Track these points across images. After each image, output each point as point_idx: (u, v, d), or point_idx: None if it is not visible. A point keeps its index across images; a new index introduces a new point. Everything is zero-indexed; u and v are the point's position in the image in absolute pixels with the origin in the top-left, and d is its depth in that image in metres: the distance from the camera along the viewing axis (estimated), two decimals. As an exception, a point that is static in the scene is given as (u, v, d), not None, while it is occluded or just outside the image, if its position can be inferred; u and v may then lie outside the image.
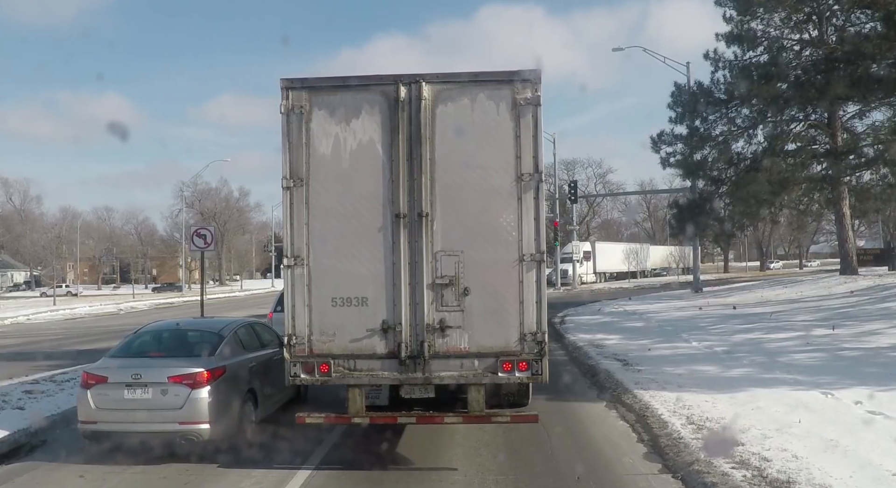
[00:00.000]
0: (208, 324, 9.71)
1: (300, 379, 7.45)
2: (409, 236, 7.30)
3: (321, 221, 7.36)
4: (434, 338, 7.29)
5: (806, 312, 20.06)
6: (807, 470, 6.52)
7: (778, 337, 15.54)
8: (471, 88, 7.38)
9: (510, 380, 7.37)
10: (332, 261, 7.35)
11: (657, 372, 11.96)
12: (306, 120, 7.40)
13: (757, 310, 21.66)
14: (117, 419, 7.82)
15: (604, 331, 18.78)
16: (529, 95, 7.30)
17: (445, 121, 7.36)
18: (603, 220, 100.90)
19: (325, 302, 7.36)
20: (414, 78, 7.36)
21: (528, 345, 7.24)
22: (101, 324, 31.61)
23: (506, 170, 7.29)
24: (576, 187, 45.08)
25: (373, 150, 7.36)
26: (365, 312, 7.32)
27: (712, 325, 18.93)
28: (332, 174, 7.37)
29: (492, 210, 7.30)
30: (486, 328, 7.28)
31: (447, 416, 7.63)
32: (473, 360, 7.31)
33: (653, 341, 16.20)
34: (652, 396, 10.04)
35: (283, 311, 10.22)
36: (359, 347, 7.34)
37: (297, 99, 7.42)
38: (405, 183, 7.31)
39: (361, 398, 7.54)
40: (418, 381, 7.43)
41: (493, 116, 7.33)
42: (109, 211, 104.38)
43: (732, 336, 16.39)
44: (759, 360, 12.77)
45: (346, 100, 7.41)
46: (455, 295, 7.29)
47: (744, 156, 28.99)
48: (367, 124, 7.37)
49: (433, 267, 7.30)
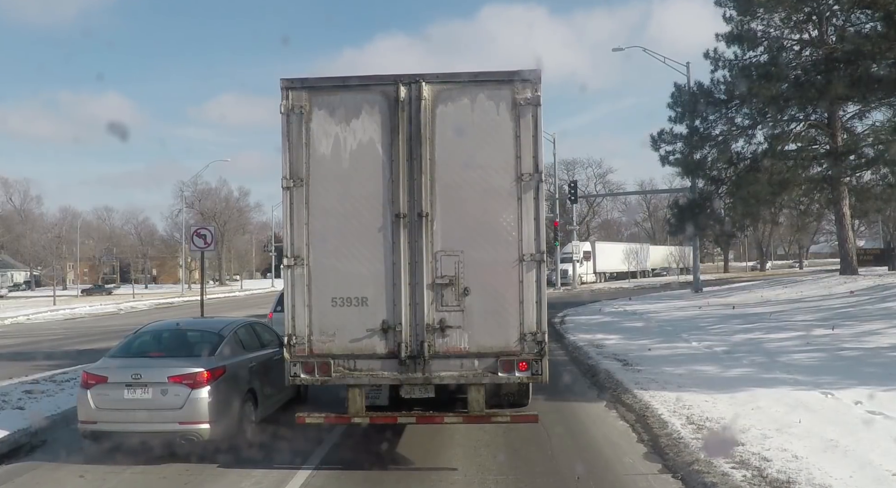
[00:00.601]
0: (208, 324, 9.72)
1: (300, 379, 7.42)
2: (409, 236, 7.28)
3: (321, 221, 7.33)
4: (434, 338, 7.28)
5: (806, 312, 20.05)
6: (807, 471, 6.52)
7: (778, 337, 15.55)
8: (471, 88, 7.35)
9: (510, 380, 7.36)
10: (332, 261, 7.33)
11: (657, 372, 11.96)
12: (306, 120, 7.37)
13: (757, 310, 21.66)
14: (117, 419, 7.83)
15: (604, 331, 18.78)
16: (529, 95, 7.28)
17: (445, 121, 7.34)
18: (603, 220, 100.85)
19: (325, 302, 7.33)
20: (414, 78, 7.33)
21: (527, 345, 7.23)
22: (101, 324, 31.61)
23: (506, 170, 7.27)
24: (576, 187, 45.07)
25: (373, 150, 7.34)
26: (365, 312, 7.29)
27: (712, 325, 18.93)
28: (332, 174, 7.34)
29: (492, 210, 7.28)
30: (485, 328, 7.26)
31: (447, 416, 7.63)
32: (473, 360, 7.29)
33: (653, 341, 16.20)
34: (652, 396, 10.05)
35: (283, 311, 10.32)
36: (359, 347, 7.32)
37: (297, 99, 7.39)
38: (405, 183, 7.29)
39: (361, 398, 7.53)
40: (418, 381, 7.40)
41: (492, 116, 7.31)
42: (109, 211, 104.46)
43: (732, 336, 16.39)
44: (759, 360, 12.77)
45: (346, 100, 7.38)
46: (455, 295, 7.28)
47: (743, 155, 29.00)
48: (367, 124, 7.34)
49: (433, 267, 7.29)
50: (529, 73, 7.36)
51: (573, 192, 44.03)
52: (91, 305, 47.06)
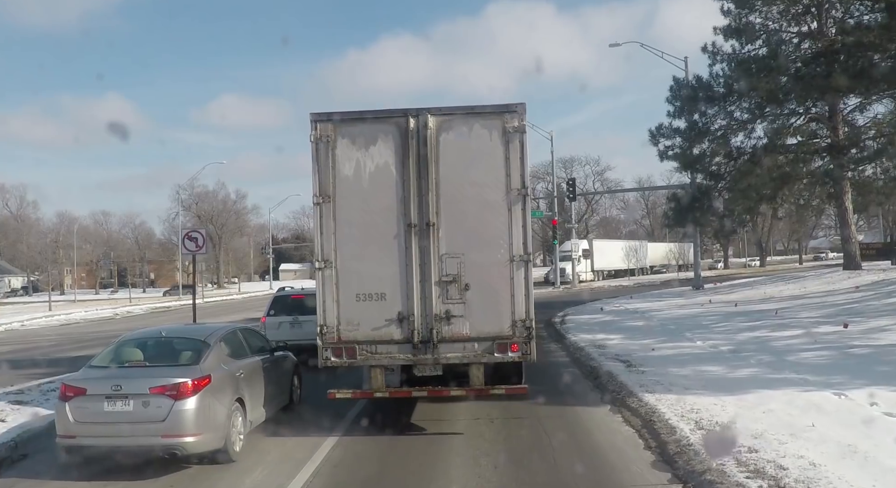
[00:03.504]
0: (193, 331, 9.35)
1: (331, 362, 8.72)
2: (419, 242, 8.63)
3: (346, 231, 8.69)
4: (441, 325, 8.63)
5: (811, 309, 19.53)
6: (826, 479, 6.15)
7: (784, 335, 15.11)
8: (468, 119, 8.74)
9: (504, 360, 8.72)
10: (356, 264, 8.69)
11: (662, 374, 11.58)
12: (332, 147, 8.71)
13: (761, 307, 21.16)
14: (97, 433, 7.44)
15: (605, 331, 18.33)
16: (517, 124, 8.65)
17: (447, 146, 8.68)
18: (602, 218, 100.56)
19: (350, 297, 8.65)
20: (421, 111, 8.71)
21: (518, 330, 8.59)
22: (96, 330, 31.19)
23: (498, 186, 8.62)
24: (574, 185, 44.73)
25: (388, 171, 8.70)
26: (383, 305, 8.63)
27: (716, 324, 18.45)
28: (355, 191, 8.70)
29: (487, 219, 8.64)
30: (483, 317, 8.62)
31: (453, 390, 8.95)
32: (474, 344, 8.64)
33: (656, 341, 15.76)
34: (658, 399, 9.66)
35: (276, 315, 12.34)
36: (379, 334, 8.66)
37: (324, 129, 8.73)
38: (415, 198, 8.64)
39: (382, 376, 8.86)
40: (429, 362, 8.73)
41: (486, 142, 8.67)
42: (107, 215, 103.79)
43: (738, 334, 15.93)
44: (767, 360, 12.39)
45: (365, 130, 8.76)
46: (458, 290, 8.61)
47: (743, 150, 28.66)
48: (383, 150, 8.70)
49: (439, 267, 8.64)
50: (516, 106, 8.74)
51: (571, 190, 43.69)
52: (87, 310, 46.56)
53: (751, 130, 29.26)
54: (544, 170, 77.52)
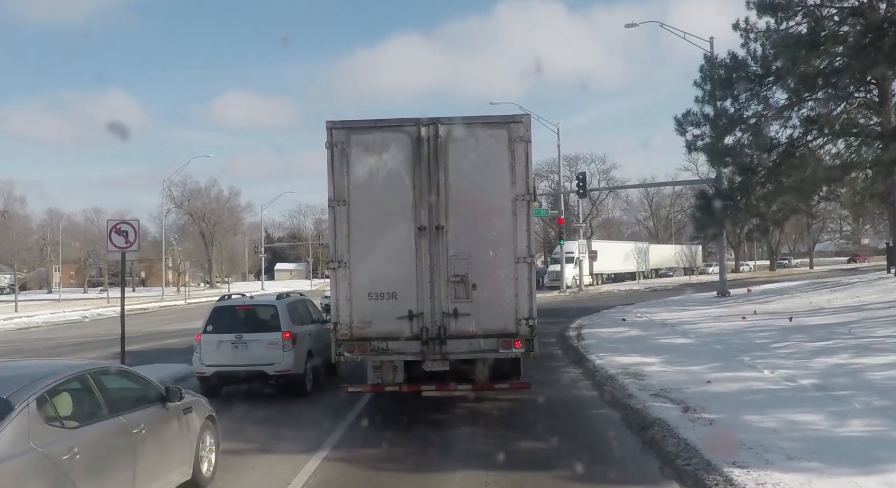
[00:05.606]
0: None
1: (344, 358, 9.17)
2: (429, 244, 9.07)
3: (359, 233, 9.08)
4: (449, 322, 9.03)
5: (887, 325, 15.84)
6: None
7: (876, 362, 11.47)
8: (476, 128, 9.16)
9: (509, 356, 9.16)
10: (368, 264, 9.09)
11: (738, 426, 8.14)
12: (346, 153, 9.09)
13: (819, 321, 17.65)
14: None
15: (636, 351, 14.82)
16: (521, 134, 9.08)
17: (456, 154, 9.10)
18: (604, 219, 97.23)
19: (363, 296, 9.03)
20: (432, 121, 9.12)
21: (522, 327, 8.99)
22: (51, 336, 27.77)
23: (503, 192, 9.05)
24: (584, 180, 41.09)
25: (400, 177, 9.10)
26: (395, 304, 9.02)
27: (773, 343, 14.68)
28: (368, 196, 9.10)
29: (493, 223, 9.10)
30: (489, 315, 9.01)
31: (460, 385, 9.47)
32: (480, 340, 9.04)
33: (707, 367, 12.26)
34: (756, 480, 6.27)
35: (213, 332, 11.67)
36: (390, 331, 9.06)
37: (339, 136, 9.11)
38: (425, 202, 9.05)
39: (392, 372, 9.33)
40: (437, 357, 9.10)
41: (493, 150, 9.09)
42: (98, 212, 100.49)
43: (810, 360, 12.30)
44: (879, 404, 8.93)
45: (378, 137, 9.15)
46: (465, 289, 9.01)
47: (778, 141, 25.25)
48: (395, 156, 9.10)
49: (448, 267, 9.05)
50: (521, 116, 9.43)
51: (582, 186, 40.21)
52: (53, 312, 42.82)
53: (788, 118, 25.81)
54: (548, 169, 74.17)
